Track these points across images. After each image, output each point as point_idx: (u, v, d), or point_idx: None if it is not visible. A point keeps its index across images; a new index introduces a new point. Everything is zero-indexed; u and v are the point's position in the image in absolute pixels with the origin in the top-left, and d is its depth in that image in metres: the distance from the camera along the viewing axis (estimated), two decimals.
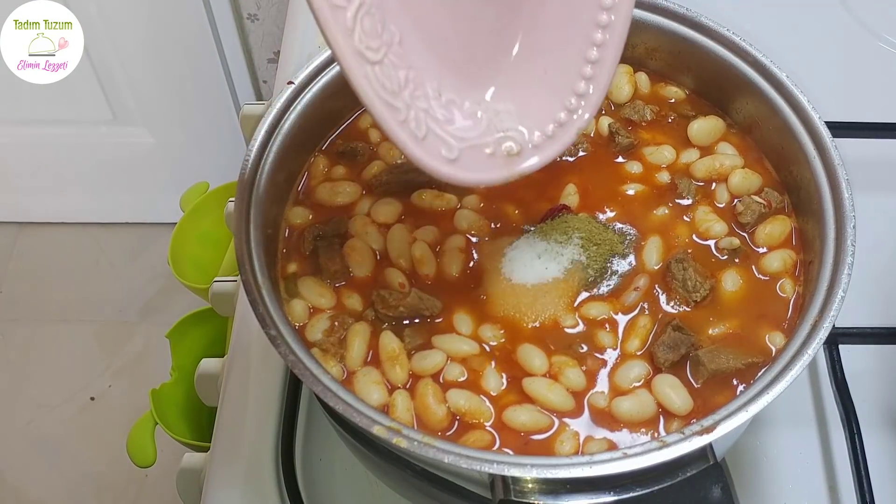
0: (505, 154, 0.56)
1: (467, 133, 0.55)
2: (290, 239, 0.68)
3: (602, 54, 0.56)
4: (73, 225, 1.93)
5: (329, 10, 0.47)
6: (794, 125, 0.66)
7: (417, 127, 0.52)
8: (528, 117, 0.57)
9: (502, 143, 0.56)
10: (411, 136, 0.51)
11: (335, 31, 0.47)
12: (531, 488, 0.52)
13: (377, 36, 0.49)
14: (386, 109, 0.50)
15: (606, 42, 0.56)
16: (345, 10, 0.47)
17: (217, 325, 1.01)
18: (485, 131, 0.56)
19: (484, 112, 0.56)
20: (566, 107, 0.57)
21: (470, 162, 0.54)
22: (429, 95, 0.53)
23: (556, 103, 0.57)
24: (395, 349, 0.61)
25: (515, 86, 0.58)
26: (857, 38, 1.00)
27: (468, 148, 0.54)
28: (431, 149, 0.52)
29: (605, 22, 0.56)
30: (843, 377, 0.71)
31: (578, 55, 0.57)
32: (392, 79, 0.50)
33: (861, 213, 0.61)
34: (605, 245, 0.65)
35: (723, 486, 0.52)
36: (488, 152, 0.55)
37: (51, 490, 1.63)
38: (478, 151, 0.55)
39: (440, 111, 0.54)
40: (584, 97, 0.57)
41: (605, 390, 0.60)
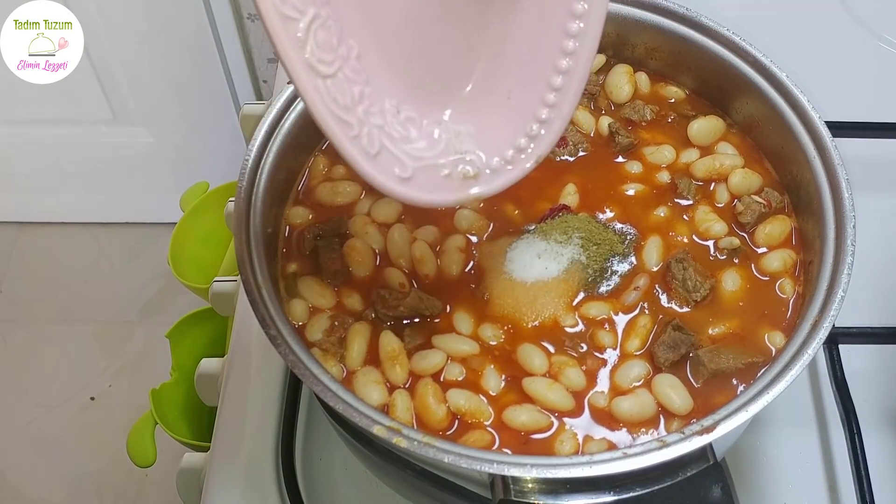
0: (461, 176, 0.55)
1: (424, 153, 0.54)
2: (290, 239, 0.68)
3: (566, 82, 0.56)
4: (73, 225, 1.93)
5: (279, 20, 0.46)
6: (794, 125, 0.66)
7: (370, 143, 0.51)
8: (488, 141, 0.56)
9: (459, 165, 0.55)
10: (363, 153, 0.50)
11: (285, 43, 0.46)
12: (531, 488, 0.52)
13: (332, 49, 0.48)
14: (336, 124, 0.49)
15: (571, 69, 0.55)
16: (297, 21, 0.46)
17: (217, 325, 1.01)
18: (442, 152, 0.55)
19: (443, 132, 0.55)
20: (527, 133, 0.56)
21: (424, 182, 0.53)
22: (386, 112, 0.52)
23: (518, 129, 0.56)
24: (395, 349, 0.61)
25: (478, 108, 0.57)
26: (856, 38, 1.00)
27: (423, 168, 0.53)
28: (384, 167, 0.51)
29: (571, 49, 0.55)
30: (842, 377, 0.71)
31: (543, 81, 0.56)
32: (345, 93, 0.49)
33: (861, 212, 0.61)
34: (605, 245, 0.65)
35: (723, 486, 0.52)
36: (444, 173, 0.55)
37: (51, 490, 1.63)
38: (433, 172, 0.54)
39: (397, 128, 0.53)
40: (545, 124, 0.56)
41: (605, 390, 0.60)
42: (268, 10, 0.45)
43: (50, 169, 1.81)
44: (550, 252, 0.64)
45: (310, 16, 0.47)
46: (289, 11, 0.46)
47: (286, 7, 0.46)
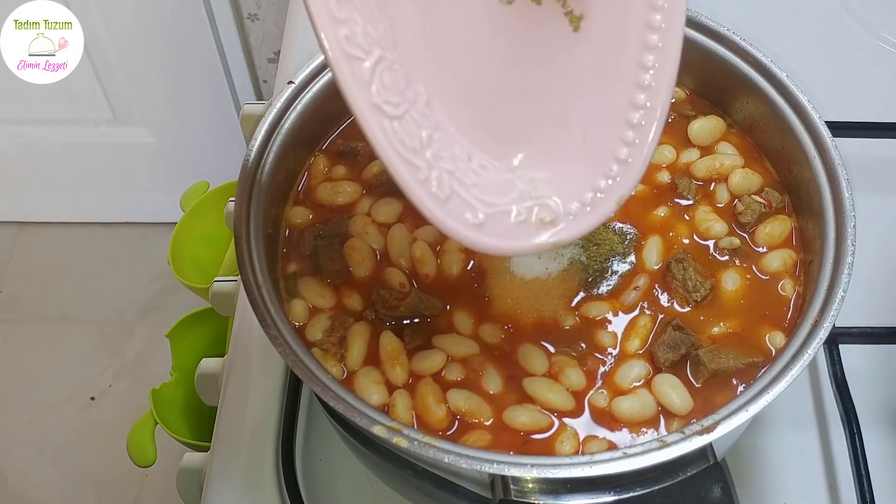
0: (538, 222, 0.51)
1: (498, 198, 0.51)
2: (291, 238, 0.68)
3: (645, 117, 0.52)
4: (73, 225, 1.92)
5: (344, 58, 0.44)
6: (794, 125, 0.66)
7: (440, 187, 0.48)
8: (565, 185, 0.53)
9: (535, 210, 0.52)
10: (432, 197, 0.48)
11: (350, 81, 0.44)
12: (531, 488, 0.53)
13: (399, 92, 0.47)
14: (404, 166, 0.47)
15: (650, 104, 0.52)
16: (362, 60, 0.45)
17: (217, 325, 1.01)
18: (517, 198, 0.51)
19: (518, 179, 0.52)
20: (606, 174, 0.53)
21: (498, 228, 0.50)
22: (456, 157, 0.50)
23: (597, 171, 0.53)
24: (396, 349, 0.61)
25: (552, 153, 0.54)
26: (857, 38, 1.00)
27: (496, 213, 0.50)
28: (455, 211, 0.48)
29: (647, 82, 0.52)
30: (843, 377, 0.71)
31: (620, 119, 0.53)
32: (413, 136, 0.47)
33: (861, 212, 0.61)
34: (605, 245, 0.65)
35: (723, 486, 0.52)
36: (520, 219, 0.51)
37: (51, 489, 1.63)
38: (506, 218, 0.51)
39: (469, 175, 0.50)
40: (625, 163, 0.53)
41: (606, 390, 0.60)
42: (333, 48, 0.44)
43: (50, 169, 1.81)
44: (551, 252, 0.64)
45: (375, 56, 0.45)
46: (354, 51, 0.44)
47: (351, 46, 0.44)
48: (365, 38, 0.45)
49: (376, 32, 0.46)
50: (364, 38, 0.45)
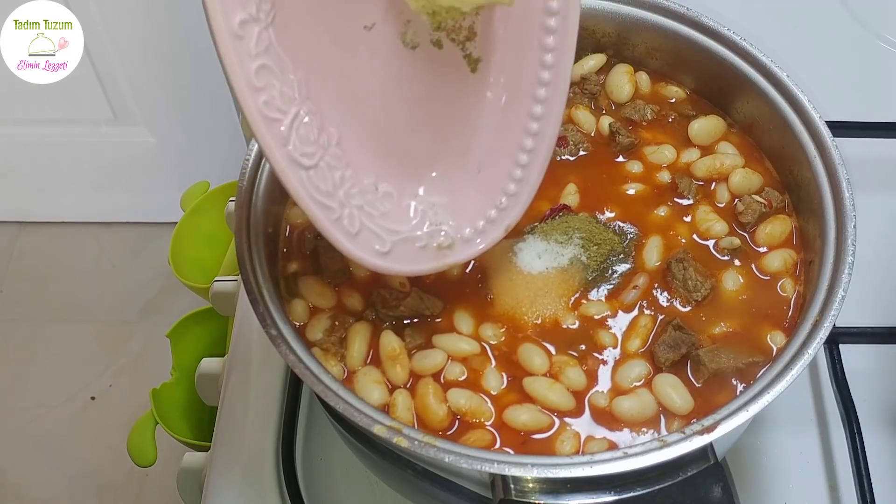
0: (436, 247, 0.59)
1: (401, 226, 0.57)
2: (291, 238, 0.68)
3: (531, 159, 0.59)
4: (73, 225, 1.92)
5: (263, 122, 0.49)
6: (794, 125, 0.66)
7: (350, 224, 0.55)
8: (460, 213, 0.60)
9: (434, 236, 0.59)
10: (345, 233, 0.54)
11: (270, 142, 0.49)
12: (532, 488, 0.52)
13: (313, 142, 0.52)
14: (319, 210, 0.53)
15: (535, 148, 0.59)
16: (280, 122, 0.49)
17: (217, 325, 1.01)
18: (418, 224, 0.58)
19: (419, 204, 0.59)
20: (497, 206, 0.60)
21: (402, 254, 0.57)
22: (365, 190, 0.56)
23: (488, 201, 0.60)
24: (396, 348, 0.61)
25: (451, 181, 0.60)
26: (857, 38, 1.00)
27: (400, 241, 0.57)
28: (364, 244, 0.55)
29: (535, 130, 0.58)
30: (843, 376, 0.71)
31: (510, 158, 0.59)
32: (327, 180, 0.53)
33: (861, 212, 0.61)
34: (605, 245, 0.65)
35: (723, 486, 0.52)
36: (419, 245, 0.58)
37: (51, 489, 1.63)
38: (410, 244, 0.58)
39: (376, 205, 0.56)
40: (513, 197, 0.60)
41: (606, 390, 0.60)
42: (253, 114, 0.48)
43: (50, 169, 1.81)
44: (551, 252, 0.64)
45: (291, 114, 0.50)
46: (272, 114, 0.49)
47: (270, 110, 0.49)
48: (282, 100, 0.50)
49: (291, 91, 0.50)
50: (281, 100, 0.49)
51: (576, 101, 0.74)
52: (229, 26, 0.46)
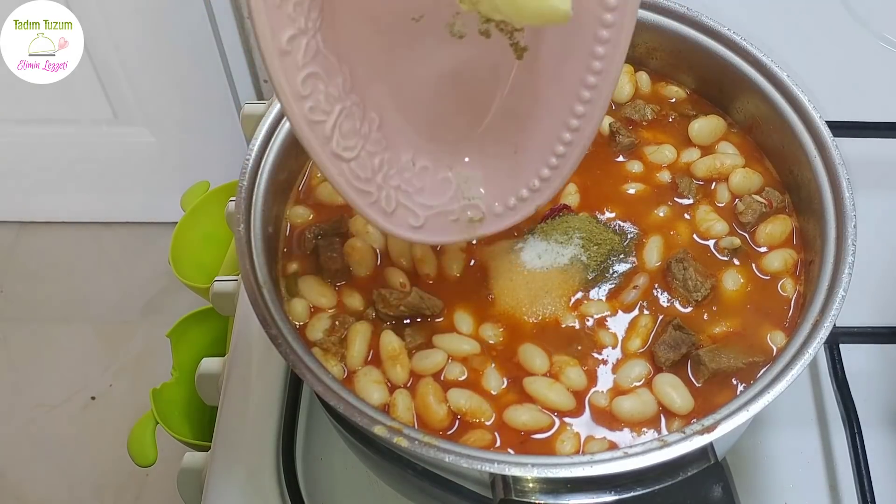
0: (467, 220, 0.60)
1: (435, 200, 0.59)
2: (291, 238, 0.68)
3: (569, 150, 0.60)
4: (73, 225, 1.92)
5: (308, 126, 0.49)
6: (794, 125, 0.66)
7: (387, 204, 0.56)
8: (493, 189, 0.61)
9: (466, 210, 0.60)
10: (380, 213, 0.56)
11: (313, 143, 0.50)
12: (532, 488, 0.52)
13: (355, 133, 0.52)
14: (358, 196, 0.54)
15: (573, 141, 0.60)
16: (324, 123, 0.50)
17: (218, 325, 1.01)
18: (451, 198, 0.60)
19: (454, 178, 0.60)
20: (529, 187, 0.61)
21: (434, 227, 0.59)
22: (403, 168, 0.57)
23: (521, 182, 0.61)
24: (396, 348, 0.61)
25: (486, 157, 0.61)
26: (857, 38, 1.00)
27: (434, 215, 0.58)
28: (399, 220, 0.57)
29: (576, 126, 0.59)
30: (843, 376, 0.71)
31: (548, 145, 0.60)
32: (366, 168, 0.54)
33: (862, 212, 0.61)
34: (605, 245, 0.65)
35: (723, 486, 0.52)
36: (452, 219, 0.60)
37: (51, 489, 1.63)
38: (443, 217, 0.59)
39: (413, 181, 0.58)
40: (546, 181, 0.61)
41: (606, 389, 0.60)
42: (297, 120, 0.49)
43: (50, 169, 1.81)
44: (551, 252, 0.64)
45: (336, 113, 0.51)
46: (317, 117, 0.50)
47: (314, 114, 0.50)
48: (327, 101, 0.50)
49: (336, 90, 0.51)
50: (326, 102, 0.50)
51: None
52: (277, 45, 0.47)
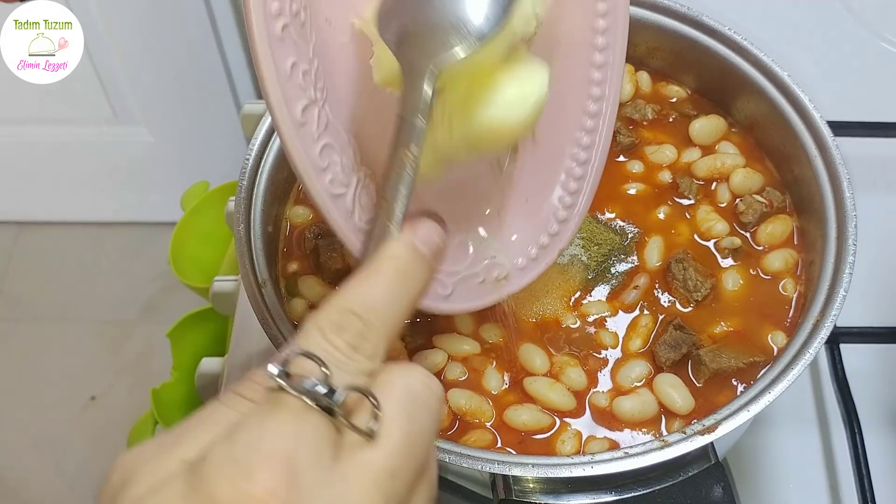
0: (494, 280, 0.58)
1: (457, 266, 0.57)
2: (291, 238, 0.68)
3: (580, 185, 0.60)
4: (73, 224, 1.92)
5: (331, 201, 0.48)
6: (795, 124, 0.66)
7: None
8: (513, 243, 0.59)
9: (491, 270, 0.58)
10: None
11: (337, 217, 0.48)
12: (532, 488, 0.52)
13: (373, 206, 0.50)
14: None
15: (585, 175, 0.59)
16: (344, 196, 0.48)
17: (218, 325, 1.01)
18: (473, 261, 0.58)
19: (472, 240, 0.58)
20: (548, 231, 0.60)
21: (463, 294, 0.56)
22: None
23: (539, 229, 0.60)
24: (396, 348, 0.60)
25: (501, 215, 0.60)
26: (858, 38, 1.00)
27: (461, 280, 0.56)
28: (430, 292, 0.54)
29: (584, 158, 0.59)
30: (844, 376, 0.71)
31: (559, 183, 0.59)
32: None
33: (862, 212, 0.61)
34: (605, 245, 0.65)
35: (724, 486, 0.52)
36: (479, 281, 0.58)
37: (51, 489, 1.63)
38: (469, 282, 0.57)
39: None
40: (564, 223, 0.60)
41: (607, 390, 0.60)
42: (319, 195, 0.47)
43: (50, 169, 1.81)
44: None
45: (354, 185, 0.49)
46: (337, 190, 0.48)
47: (335, 187, 0.48)
48: (344, 173, 0.48)
49: (350, 160, 0.49)
50: (343, 174, 0.48)
51: None
52: (293, 117, 0.45)
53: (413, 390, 0.37)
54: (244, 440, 0.33)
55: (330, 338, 0.37)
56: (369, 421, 0.35)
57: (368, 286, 0.40)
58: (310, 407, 0.34)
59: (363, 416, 0.35)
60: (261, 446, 0.33)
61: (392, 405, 0.36)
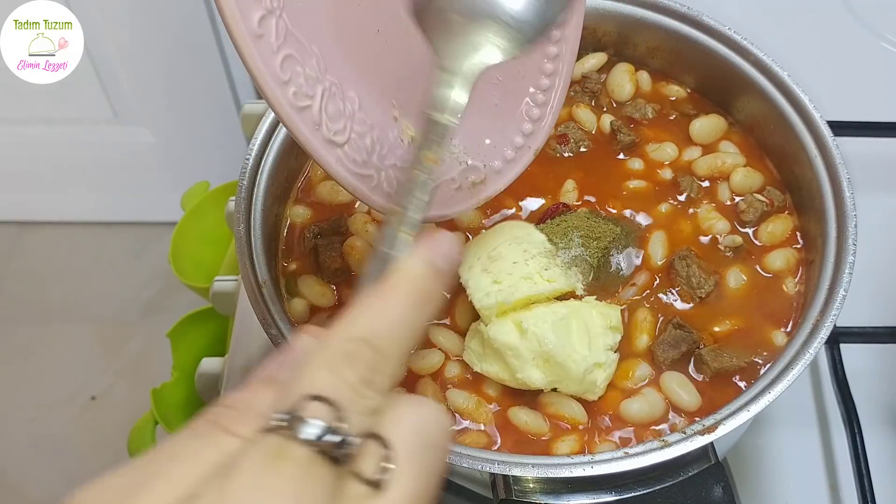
0: (470, 184, 0.58)
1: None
2: (291, 237, 0.68)
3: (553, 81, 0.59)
4: (73, 224, 1.92)
5: (296, 113, 0.47)
6: (795, 124, 0.66)
7: (389, 184, 0.53)
8: (487, 146, 0.59)
9: (466, 175, 0.58)
10: (385, 196, 0.53)
11: (304, 130, 0.47)
12: (532, 488, 0.52)
13: (340, 114, 0.50)
14: (360, 182, 0.52)
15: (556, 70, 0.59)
16: (310, 108, 0.48)
17: (218, 325, 1.01)
18: (449, 166, 0.57)
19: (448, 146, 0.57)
20: (522, 132, 0.59)
21: (440, 200, 0.56)
22: (394, 145, 0.54)
23: (513, 129, 0.59)
24: None
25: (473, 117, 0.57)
26: (858, 38, 1.00)
27: (436, 187, 0.55)
28: None
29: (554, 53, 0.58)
30: (844, 376, 0.71)
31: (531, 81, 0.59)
32: (360, 150, 0.52)
33: (862, 212, 0.61)
34: (604, 238, 0.64)
35: (724, 486, 0.52)
36: (454, 187, 0.57)
37: (51, 489, 1.63)
38: (446, 188, 0.56)
39: (407, 156, 0.55)
40: (538, 121, 0.60)
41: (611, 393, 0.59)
42: (284, 108, 0.46)
43: (50, 169, 1.81)
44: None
45: (318, 95, 0.48)
46: (302, 102, 0.47)
47: (299, 99, 0.47)
48: (308, 84, 0.47)
49: (313, 71, 0.48)
50: (307, 85, 0.47)
51: (577, 99, 0.74)
52: (250, 28, 0.44)
53: (426, 431, 0.33)
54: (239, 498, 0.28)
55: (341, 373, 0.32)
56: (378, 469, 0.31)
57: (383, 310, 0.35)
58: (316, 458, 0.30)
59: (370, 462, 0.31)
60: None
61: (403, 450, 0.32)
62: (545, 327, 0.55)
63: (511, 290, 0.56)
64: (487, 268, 0.58)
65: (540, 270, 0.57)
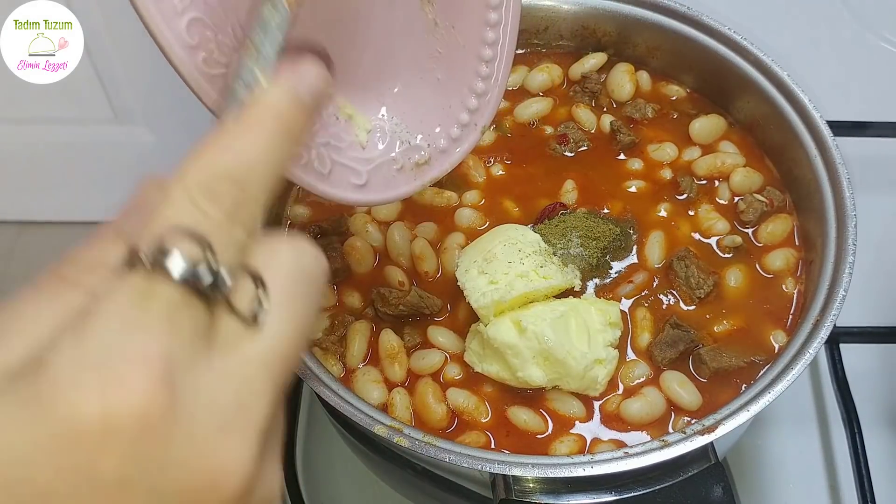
0: (414, 165, 0.55)
1: (371, 152, 0.53)
2: None
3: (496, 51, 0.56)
4: (73, 224, 1.92)
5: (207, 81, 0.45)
6: (795, 124, 0.66)
7: (321, 164, 0.50)
8: (430, 124, 0.56)
9: (409, 155, 0.55)
10: (317, 176, 0.50)
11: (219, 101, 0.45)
12: (532, 488, 0.52)
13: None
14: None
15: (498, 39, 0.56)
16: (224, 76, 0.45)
17: None
18: (389, 146, 0.54)
19: (385, 125, 0.55)
20: (467, 107, 0.57)
21: (380, 182, 0.53)
22: (327, 124, 0.52)
23: (457, 105, 0.57)
24: (395, 347, 0.60)
25: (413, 93, 0.57)
26: (858, 38, 1.00)
27: (375, 168, 0.53)
28: (339, 181, 0.51)
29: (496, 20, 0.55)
30: (843, 376, 0.71)
31: (473, 53, 0.56)
32: None
33: (862, 212, 0.61)
34: (603, 238, 0.64)
35: (724, 486, 0.52)
36: (396, 168, 0.55)
37: None
38: (386, 169, 0.54)
39: (342, 136, 0.52)
40: (483, 95, 0.57)
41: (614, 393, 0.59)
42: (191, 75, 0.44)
43: (50, 169, 1.81)
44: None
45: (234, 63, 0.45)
46: (214, 70, 0.45)
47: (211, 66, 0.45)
48: (221, 51, 0.45)
49: (229, 39, 0.45)
50: (220, 52, 0.45)
51: (577, 99, 0.74)
52: None
53: (300, 267, 0.31)
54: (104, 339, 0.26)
55: (204, 208, 0.30)
56: (253, 307, 0.29)
57: (244, 143, 0.33)
58: (187, 296, 0.28)
59: (244, 299, 0.29)
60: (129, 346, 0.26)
61: (278, 286, 0.30)
62: (544, 325, 0.55)
63: (507, 288, 0.56)
64: (483, 269, 0.58)
65: (535, 268, 0.57)
